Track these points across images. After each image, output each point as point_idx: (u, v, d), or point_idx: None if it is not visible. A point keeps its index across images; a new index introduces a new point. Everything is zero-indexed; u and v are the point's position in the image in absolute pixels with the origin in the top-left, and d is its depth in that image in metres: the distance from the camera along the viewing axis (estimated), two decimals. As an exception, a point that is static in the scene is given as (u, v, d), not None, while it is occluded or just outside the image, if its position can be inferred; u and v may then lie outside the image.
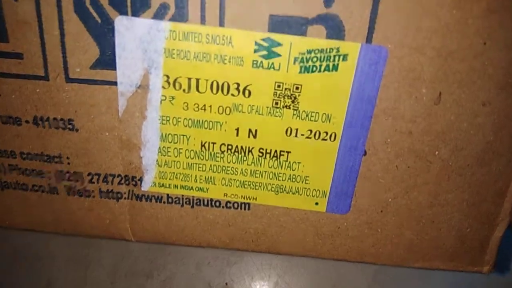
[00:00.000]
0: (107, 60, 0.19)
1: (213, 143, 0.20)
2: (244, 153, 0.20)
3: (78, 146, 0.21)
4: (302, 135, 0.20)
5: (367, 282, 0.26)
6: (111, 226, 0.23)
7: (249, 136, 0.20)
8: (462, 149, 0.20)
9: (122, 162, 0.21)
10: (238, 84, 0.19)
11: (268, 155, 0.20)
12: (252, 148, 0.20)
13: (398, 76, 0.18)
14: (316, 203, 0.21)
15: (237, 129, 0.20)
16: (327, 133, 0.20)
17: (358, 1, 0.17)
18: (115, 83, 0.19)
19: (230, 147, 0.20)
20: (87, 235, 0.23)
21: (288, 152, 0.20)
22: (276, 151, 0.20)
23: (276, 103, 0.19)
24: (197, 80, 0.19)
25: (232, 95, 0.19)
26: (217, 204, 0.22)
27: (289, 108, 0.19)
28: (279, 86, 0.19)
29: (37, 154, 0.21)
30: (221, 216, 0.22)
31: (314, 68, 0.18)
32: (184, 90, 0.19)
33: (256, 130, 0.20)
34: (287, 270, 0.25)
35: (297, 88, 0.19)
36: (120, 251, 0.27)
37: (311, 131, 0.20)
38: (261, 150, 0.20)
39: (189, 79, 0.19)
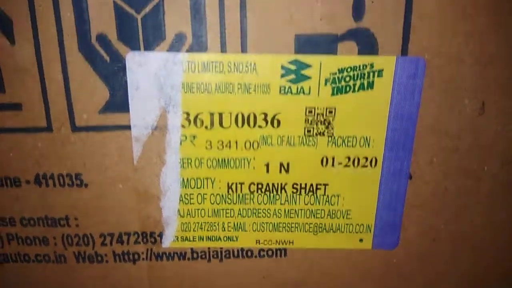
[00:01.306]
0: (118, 102, 0.17)
1: (241, 184, 0.18)
2: (276, 191, 0.18)
3: (87, 204, 0.18)
4: (340, 163, 0.18)
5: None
6: (128, 294, 0.20)
7: (280, 171, 0.18)
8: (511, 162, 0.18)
9: (138, 217, 0.19)
10: (266, 114, 0.17)
11: (303, 191, 0.18)
12: (285, 184, 0.18)
13: (438, 88, 0.17)
14: (361, 240, 0.19)
15: (267, 165, 0.18)
16: (367, 159, 0.18)
17: (389, 11, 0.16)
18: (128, 127, 0.17)
19: (260, 186, 0.18)
20: (100, 308, 0.20)
21: (325, 185, 0.18)
22: (311, 185, 0.18)
23: (309, 131, 0.17)
24: (220, 114, 0.17)
25: (260, 126, 0.17)
26: (249, 254, 0.19)
27: (323, 135, 0.18)
28: (310, 111, 0.17)
29: (40, 218, 0.19)
30: (254, 267, 0.20)
31: (348, 88, 0.17)
32: (206, 127, 0.17)
33: (288, 164, 0.18)
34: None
35: (330, 112, 0.17)
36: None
37: (349, 158, 0.18)
38: (295, 186, 0.18)
39: (211, 114, 0.17)
